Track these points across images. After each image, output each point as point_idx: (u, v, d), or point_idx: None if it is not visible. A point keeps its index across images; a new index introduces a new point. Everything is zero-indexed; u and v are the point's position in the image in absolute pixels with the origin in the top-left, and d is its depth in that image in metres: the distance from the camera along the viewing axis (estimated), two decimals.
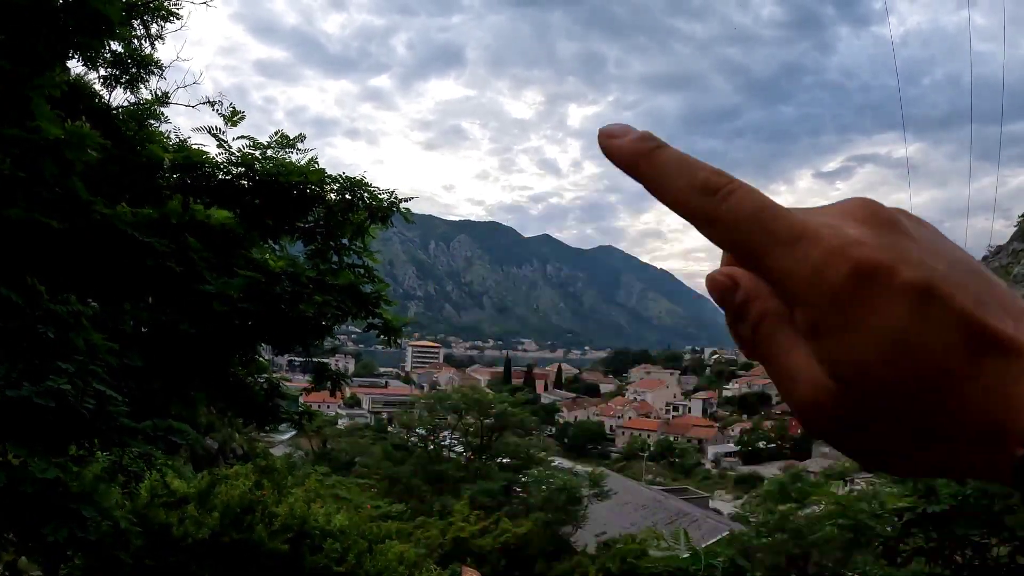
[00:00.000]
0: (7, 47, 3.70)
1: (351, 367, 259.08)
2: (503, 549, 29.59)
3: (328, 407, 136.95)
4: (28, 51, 3.90)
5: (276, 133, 5.97)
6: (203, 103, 6.24)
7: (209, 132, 5.93)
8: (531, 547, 31.29)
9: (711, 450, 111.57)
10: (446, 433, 54.05)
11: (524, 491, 40.56)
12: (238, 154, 5.81)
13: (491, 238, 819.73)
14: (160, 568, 8.46)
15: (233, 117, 6.12)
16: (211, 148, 5.97)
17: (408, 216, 6.29)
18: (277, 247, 6.46)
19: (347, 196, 5.93)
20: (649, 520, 45.33)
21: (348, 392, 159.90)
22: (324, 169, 5.85)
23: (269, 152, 5.87)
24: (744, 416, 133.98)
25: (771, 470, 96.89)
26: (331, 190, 5.92)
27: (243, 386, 6.44)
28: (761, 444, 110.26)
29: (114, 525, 8.27)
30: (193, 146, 6.15)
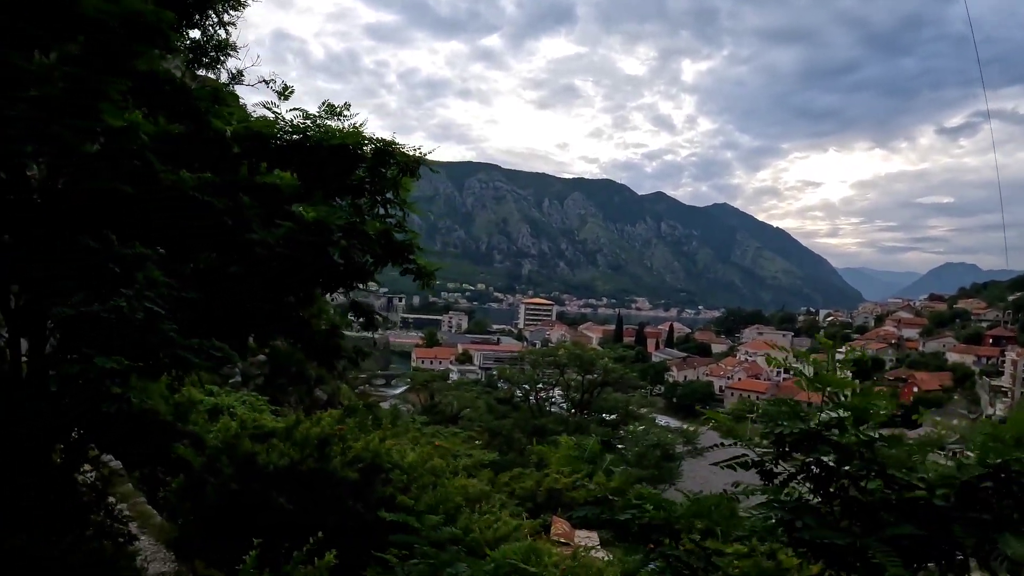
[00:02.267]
0: (81, 57, 4.71)
1: (464, 324, 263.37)
2: (595, 502, 30.29)
3: (440, 363, 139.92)
4: (103, 55, 4.88)
5: (323, 103, 6.85)
6: (259, 82, 7.23)
7: (264, 107, 6.86)
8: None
9: (820, 415, 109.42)
10: (551, 389, 55.09)
11: (623, 447, 41.27)
12: (291, 125, 6.72)
13: (605, 196, 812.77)
14: (244, 492, 9.43)
15: (285, 91, 7.08)
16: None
17: (433, 168, 7.13)
18: (339, 202, 7.32)
19: (382, 154, 6.79)
20: (747, 480, 45.34)
21: (460, 349, 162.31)
22: (360, 132, 6.71)
23: (319, 120, 6.78)
24: (856, 381, 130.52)
25: None
26: (369, 150, 6.77)
27: (305, 325, 7.42)
28: (871, 411, 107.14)
29: (209, 457, 9.41)
30: (261, 117, 7.06)
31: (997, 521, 3.47)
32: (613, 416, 49.15)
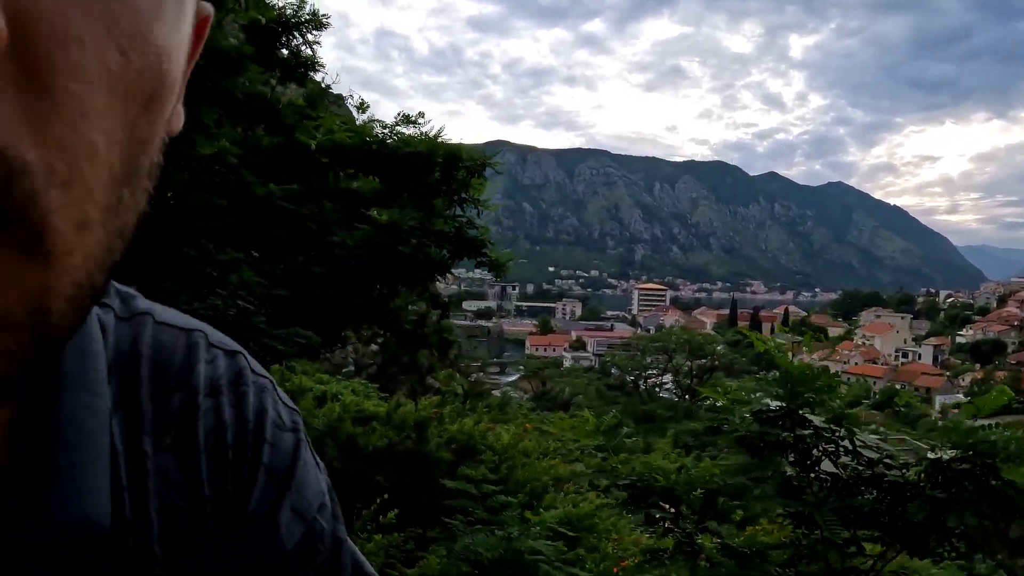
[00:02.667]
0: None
1: (579, 311, 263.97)
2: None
3: (554, 350, 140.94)
4: (195, 86, 5.68)
5: (399, 114, 7.57)
6: (338, 97, 7.99)
7: (343, 122, 7.61)
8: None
9: (939, 400, 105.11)
10: (662, 375, 55.24)
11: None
12: (371, 135, 7.46)
13: (716, 178, 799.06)
14: (345, 472, 10.15)
15: (362, 106, 7.82)
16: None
17: (497, 168, 7.80)
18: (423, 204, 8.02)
19: (451, 159, 7.48)
20: None
21: (573, 336, 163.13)
22: (433, 139, 7.38)
23: (396, 128, 7.51)
24: (977, 365, 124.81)
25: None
26: (439, 155, 7.45)
27: (394, 317, 8.16)
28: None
29: (314, 439, 10.20)
30: (344, 128, 7.81)
31: (954, 499, 3.76)
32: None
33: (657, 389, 55.75)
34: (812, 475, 4.19)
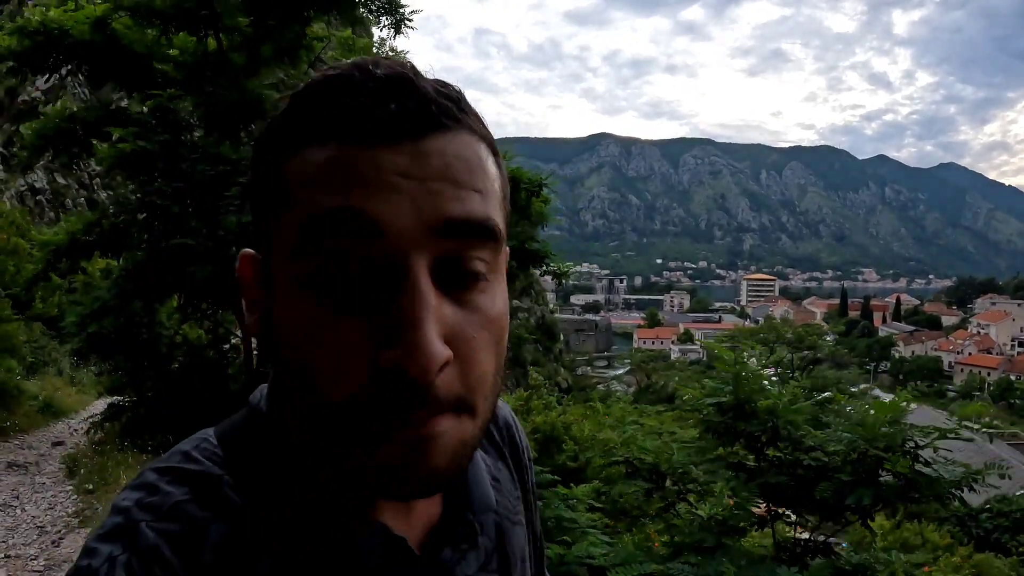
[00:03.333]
0: None
1: (687, 303, 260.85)
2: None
3: (661, 343, 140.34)
4: None
5: None
6: None
7: None
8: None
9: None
10: (765, 367, 54.78)
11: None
12: None
13: (824, 163, 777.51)
14: None
15: None
16: None
17: (553, 189, 8.81)
18: None
19: (512, 181, 8.45)
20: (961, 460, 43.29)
21: (681, 328, 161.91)
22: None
23: None
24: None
25: None
26: None
27: None
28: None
29: None
30: None
31: (858, 482, 4.32)
32: (827, 394, 48.55)
33: (764, 382, 55.28)
34: (758, 457, 4.90)
